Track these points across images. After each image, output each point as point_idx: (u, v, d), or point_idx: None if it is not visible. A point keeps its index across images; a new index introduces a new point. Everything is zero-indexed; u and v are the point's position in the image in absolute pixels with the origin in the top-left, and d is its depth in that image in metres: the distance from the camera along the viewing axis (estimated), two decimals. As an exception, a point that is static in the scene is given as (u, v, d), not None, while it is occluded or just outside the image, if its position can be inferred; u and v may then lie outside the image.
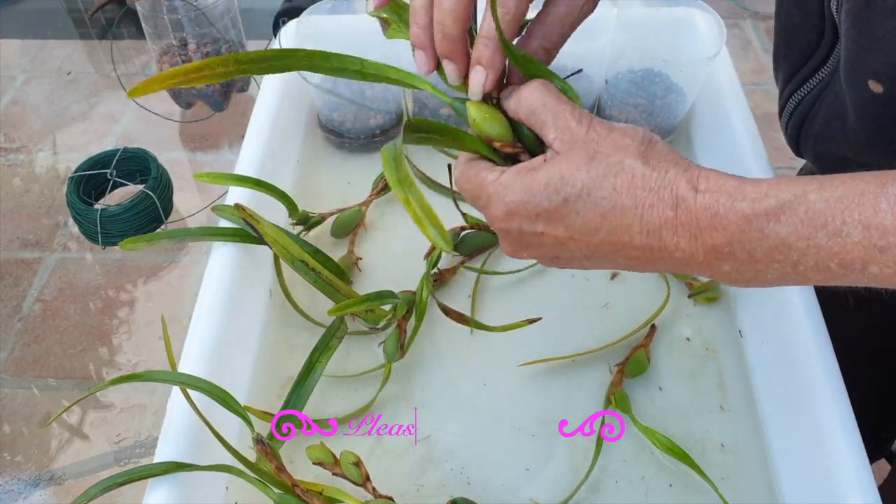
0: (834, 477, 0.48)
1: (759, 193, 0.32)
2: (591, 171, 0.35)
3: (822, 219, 0.31)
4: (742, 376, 0.61)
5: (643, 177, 0.34)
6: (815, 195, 0.31)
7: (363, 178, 0.75)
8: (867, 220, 0.30)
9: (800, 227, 0.31)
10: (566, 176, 0.35)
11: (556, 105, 0.38)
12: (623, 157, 0.35)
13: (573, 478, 0.56)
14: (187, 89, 1.47)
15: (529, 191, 0.36)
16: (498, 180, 0.38)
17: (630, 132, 0.36)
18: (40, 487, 1.14)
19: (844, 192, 0.31)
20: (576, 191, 0.35)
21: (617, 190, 0.35)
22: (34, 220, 1.50)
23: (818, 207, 0.31)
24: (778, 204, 0.32)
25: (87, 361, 1.28)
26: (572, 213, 0.36)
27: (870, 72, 0.47)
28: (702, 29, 0.77)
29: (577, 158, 0.36)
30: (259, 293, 0.65)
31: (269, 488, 0.49)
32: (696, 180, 0.34)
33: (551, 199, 0.36)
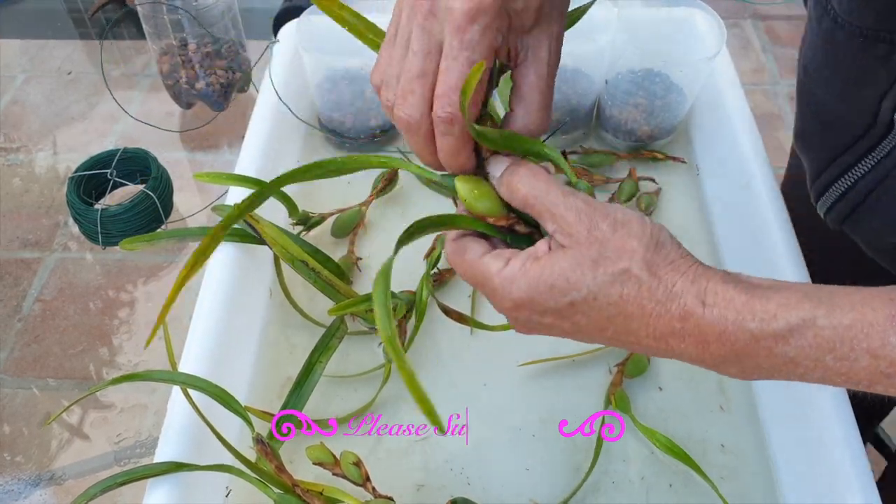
0: (834, 477, 0.48)
1: (768, 314, 0.32)
2: (596, 277, 0.34)
3: (830, 345, 0.31)
4: (742, 376, 0.61)
5: (650, 289, 0.34)
6: (824, 321, 0.31)
7: (363, 178, 0.75)
8: (875, 351, 0.30)
9: (807, 350, 0.32)
10: (571, 280, 0.35)
11: (549, 195, 0.36)
12: (629, 266, 0.34)
13: (573, 478, 0.56)
14: (187, 89, 1.47)
15: (535, 290, 0.36)
16: (502, 272, 0.37)
17: (636, 231, 0.35)
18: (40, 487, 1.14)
19: (853, 320, 0.31)
20: (581, 296, 0.35)
21: (623, 298, 0.34)
22: (34, 220, 1.50)
23: (826, 334, 0.31)
24: (787, 327, 0.32)
25: (87, 361, 1.28)
26: (579, 313, 0.36)
27: None
28: (702, 29, 0.77)
29: (581, 260, 0.35)
30: (259, 293, 0.65)
31: (269, 488, 0.49)
32: (704, 294, 0.33)
33: (557, 300, 0.35)
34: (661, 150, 0.77)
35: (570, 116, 0.77)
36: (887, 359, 0.30)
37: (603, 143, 0.80)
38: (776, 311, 0.32)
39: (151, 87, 1.74)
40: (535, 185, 0.37)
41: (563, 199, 0.36)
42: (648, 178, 0.74)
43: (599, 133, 0.80)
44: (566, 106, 0.76)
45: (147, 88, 1.74)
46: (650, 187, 0.74)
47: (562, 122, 0.77)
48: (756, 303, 0.32)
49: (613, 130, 0.78)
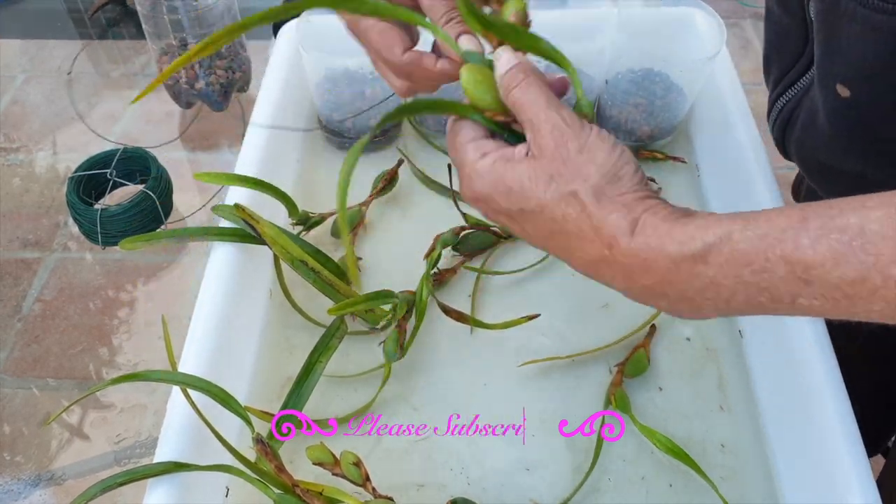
0: (834, 477, 0.48)
1: (686, 236, 0.33)
2: (547, 192, 0.36)
3: (746, 257, 0.32)
4: (742, 376, 0.61)
5: (590, 214, 0.36)
6: (739, 234, 0.32)
7: (363, 178, 0.75)
8: (788, 256, 0.31)
9: (726, 267, 0.32)
10: (525, 188, 0.37)
11: (534, 105, 0.38)
12: (578, 188, 0.36)
13: (573, 478, 0.56)
14: (187, 88, 1.47)
15: (495, 189, 0.38)
16: (475, 164, 0.39)
17: (600, 159, 0.36)
18: (40, 487, 1.14)
19: (767, 229, 0.31)
20: (530, 206, 0.37)
21: (565, 217, 0.36)
22: (34, 220, 1.50)
23: (742, 247, 0.32)
24: (704, 246, 0.33)
25: (87, 361, 1.28)
26: (527, 221, 0.38)
27: (838, 76, 0.47)
28: (702, 29, 0.77)
29: (540, 173, 0.37)
30: (259, 293, 0.65)
31: (269, 488, 0.49)
32: (635, 224, 0.35)
33: (510, 204, 0.38)
34: (661, 150, 0.77)
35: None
36: (801, 263, 0.31)
37: (603, 143, 0.80)
38: (694, 232, 0.33)
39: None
40: (526, 92, 0.39)
41: (546, 112, 0.38)
42: (649, 178, 0.74)
43: (599, 133, 0.80)
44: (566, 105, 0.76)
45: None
46: (651, 187, 0.74)
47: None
48: (677, 228, 0.34)
49: (613, 130, 0.78)
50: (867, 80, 0.46)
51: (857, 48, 0.45)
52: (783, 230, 0.31)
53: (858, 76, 0.46)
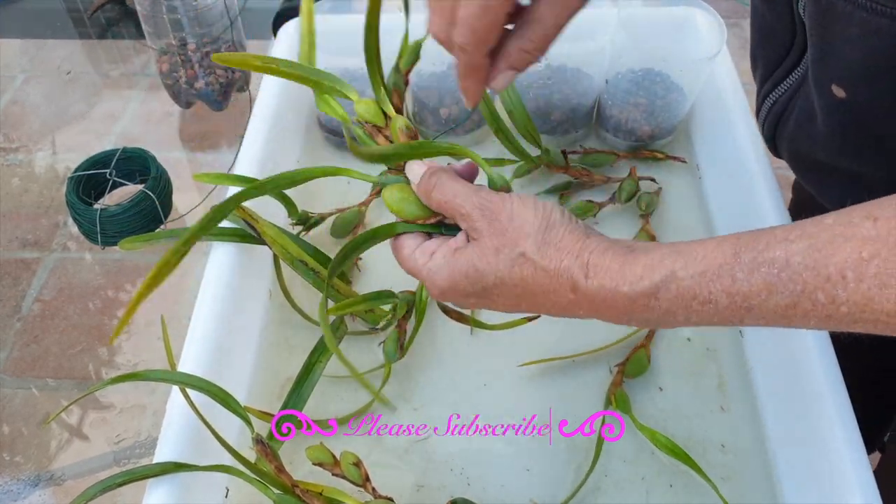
0: (834, 477, 0.48)
1: (636, 277, 0.37)
2: (499, 263, 0.40)
3: (691, 293, 0.35)
4: (742, 376, 0.61)
5: (544, 268, 0.39)
6: (682, 272, 0.36)
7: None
8: (728, 289, 0.34)
9: (675, 301, 0.36)
10: (480, 268, 0.40)
11: (456, 199, 0.42)
12: (524, 249, 0.39)
13: (573, 478, 0.56)
14: (187, 88, 1.47)
15: (453, 279, 0.42)
16: (427, 265, 0.43)
17: (529, 219, 0.40)
18: (40, 487, 1.14)
19: (705, 266, 0.35)
20: (490, 281, 0.40)
21: (524, 279, 0.40)
22: (33, 220, 1.50)
23: (686, 284, 0.35)
24: (652, 285, 0.36)
25: (87, 361, 1.28)
26: (493, 295, 0.41)
27: (833, 77, 0.47)
28: (702, 29, 0.77)
29: (486, 250, 0.40)
30: (259, 293, 0.65)
31: (268, 488, 0.49)
32: (586, 267, 0.38)
33: (473, 286, 0.41)
34: (661, 150, 0.77)
35: (570, 116, 0.77)
36: (739, 294, 0.34)
37: (603, 143, 0.80)
38: (642, 273, 0.37)
39: (151, 86, 1.74)
40: (443, 191, 0.43)
41: (468, 200, 0.41)
42: (649, 178, 0.74)
43: (600, 133, 0.80)
44: (566, 106, 0.76)
45: (146, 88, 1.74)
46: (650, 187, 0.74)
47: (559, 122, 0.77)
48: (627, 269, 0.37)
49: (613, 130, 0.78)
50: (864, 82, 0.46)
51: (855, 50, 0.45)
52: (720, 266, 0.35)
53: (855, 77, 0.46)
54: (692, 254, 0.36)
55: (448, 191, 0.42)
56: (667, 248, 0.37)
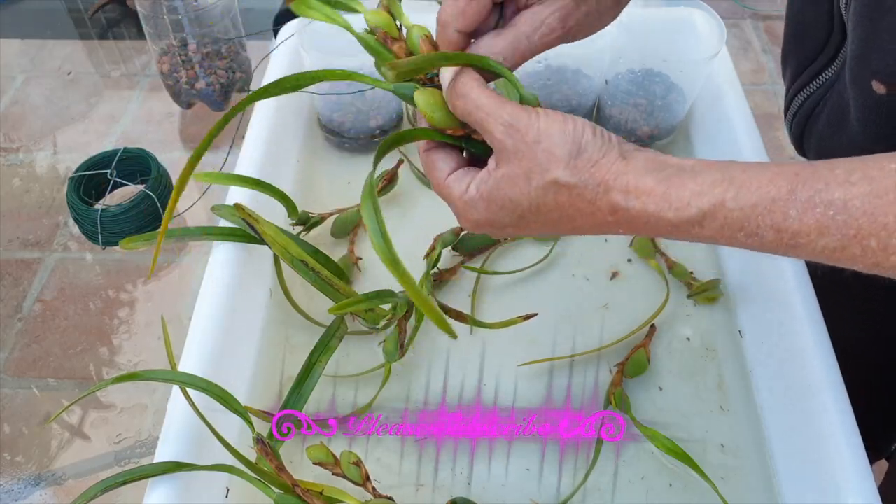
0: (834, 477, 0.48)
1: (682, 202, 0.35)
2: (531, 191, 0.38)
3: (738, 224, 0.34)
4: (742, 376, 0.61)
5: (580, 193, 0.37)
6: (732, 203, 0.34)
7: (363, 178, 0.74)
8: (778, 225, 0.34)
9: (720, 230, 0.35)
10: (513, 197, 0.39)
11: (479, 110, 0.39)
12: (556, 175, 0.37)
13: (573, 478, 0.56)
14: (187, 88, 1.47)
15: (490, 210, 0.40)
16: (463, 197, 0.41)
17: (558, 141, 0.37)
18: (40, 487, 1.14)
19: (758, 199, 0.34)
20: (526, 208, 0.39)
21: (560, 204, 0.38)
22: (34, 220, 1.50)
23: (735, 216, 0.34)
24: (699, 213, 0.35)
25: (87, 361, 1.28)
26: (531, 221, 0.40)
27: (874, 72, 0.47)
28: (702, 29, 0.77)
29: (516, 177, 0.38)
30: (259, 293, 0.65)
31: (269, 488, 0.49)
32: (626, 188, 0.37)
33: (510, 216, 0.40)
34: (661, 151, 0.77)
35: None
36: (788, 231, 0.33)
37: (603, 143, 0.80)
38: (689, 198, 0.35)
39: (151, 87, 1.74)
40: (467, 102, 0.40)
41: (493, 113, 0.39)
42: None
43: (599, 133, 0.80)
44: (566, 106, 0.76)
45: (147, 88, 1.74)
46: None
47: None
48: (672, 192, 0.36)
49: (613, 130, 0.77)
50: None
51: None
52: (773, 200, 0.33)
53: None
54: (746, 184, 0.34)
55: (472, 101, 0.39)
56: (718, 172, 0.35)
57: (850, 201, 0.32)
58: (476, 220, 0.41)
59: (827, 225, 0.32)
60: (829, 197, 0.32)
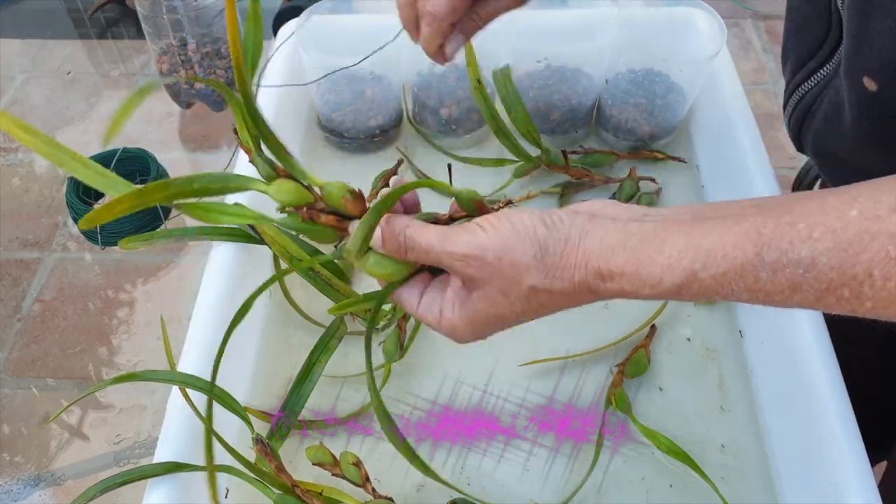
0: (834, 477, 0.48)
1: (655, 280, 0.36)
2: (513, 302, 0.39)
3: (713, 289, 0.35)
4: (742, 377, 0.61)
5: (560, 290, 0.38)
6: (703, 273, 0.35)
7: (363, 178, 0.75)
8: (750, 287, 0.34)
9: (697, 294, 0.36)
10: (496, 314, 0.39)
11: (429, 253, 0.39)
12: (531, 282, 0.38)
13: (573, 478, 0.56)
14: (187, 88, 1.47)
15: (475, 327, 0.41)
16: (441, 322, 0.41)
17: (519, 250, 0.38)
18: (40, 488, 1.14)
19: (727, 267, 0.34)
20: (512, 317, 0.40)
21: (544, 303, 0.39)
22: (33, 220, 1.50)
23: (708, 283, 0.35)
24: (674, 286, 0.36)
25: (87, 362, 1.28)
26: (517, 322, 0.41)
27: (866, 69, 0.48)
28: (702, 29, 0.77)
29: (493, 296, 0.39)
30: (259, 293, 0.65)
31: (268, 488, 0.49)
32: (600, 275, 0.37)
33: (496, 327, 0.41)
34: (661, 150, 0.77)
35: (570, 116, 0.77)
36: (762, 291, 0.34)
37: (603, 143, 0.80)
38: (661, 275, 0.36)
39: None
40: (416, 251, 0.40)
41: (445, 251, 0.39)
42: (649, 178, 0.74)
43: (599, 133, 0.80)
44: (566, 106, 0.76)
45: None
46: (650, 187, 0.74)
47: (559, 122, 0.77)
48: (643, 271, 0.36)
49: (613, 130, 0.78)
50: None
51: (889, 43, 0.45)
52: (742, 266, 0.34)
53: (887, 70, 0.46)
54: (713, 252, 0.35)
55: (420, 247, 0.40)
56: (681, 241, 0.36)
57: (817, 258, 0.32)
58: (465, 338, 0.42)
59: (798, 282, 0.33)
60: (795, 257, 0.33)
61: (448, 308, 0.41)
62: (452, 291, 0.41)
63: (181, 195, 0.38)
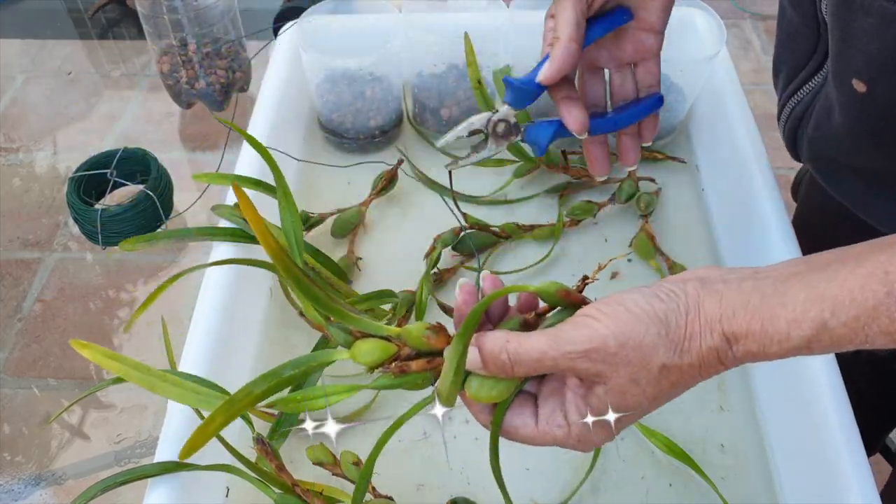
0: (834, 477, 0.48)
1: (782, 336, 0.34)
2: (645, 390, 0.37)
3: (847, 339, 0.33)
4: (742, 376, 0.61)
5: (690, 364, 0.36)
6: (833, 321, 0.33)
7: (363, 178, 0.75)
8: (886, 329, 0.32)
9: (829, 346, 0.34)
10: (630, 404, 0.37)
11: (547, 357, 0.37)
12: (661, 361, 0.36)
13: (573, 478, 0.56)
14: (187, 89, 1.47)
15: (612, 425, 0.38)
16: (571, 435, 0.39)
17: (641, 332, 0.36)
18: (40, 487, 1.14)
19: (858, 311, 0.33)
20: (647, 405, 0.38)
21: (675, 383, 0.37)
22: (34, 220, 1.50)
23: (839, 332, 0.33)
24: (803, 341, 0.34)
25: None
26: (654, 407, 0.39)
27: (853, 71, 0.48)
28: (702, 29, 0.77)
29: (625, 388, 0.37)
30: (259, 293, 0.65)
31: (269, 488, 0.49)
32: (725, 339, 0.35)
33: (635, 416, 0.38)
34: (661, 150, 0.77)
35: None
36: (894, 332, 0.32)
37: (603, 143, 0.80)
38: (788, 330, 0.34)
39: (151, 87, 1.74)
40: (524, 363, 0.37)
41: (560, 355, 0.36)
42: (648, 179, 0.74)
43: (599, 133, 0.80)
44: (566, 106, 0.76)
45: (147, 88, 1.74)
46: (650, 187, 0.74)
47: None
48: (769, 328, 0.34)
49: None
50: (884, 74, 0.46)
51: (874, 42, 0.45)
52: (874, 308, 0.32)
53: (875, 70, 0.46)
54: (840, 298, 0.33)
55: (531, 359, 0.37)
56: (804, 292, 0.34)
57: None
58: (599, 443, 0.39)
59: None
60: None
61: (573, 410, 0.38)
62: (572, 392, 0.38)
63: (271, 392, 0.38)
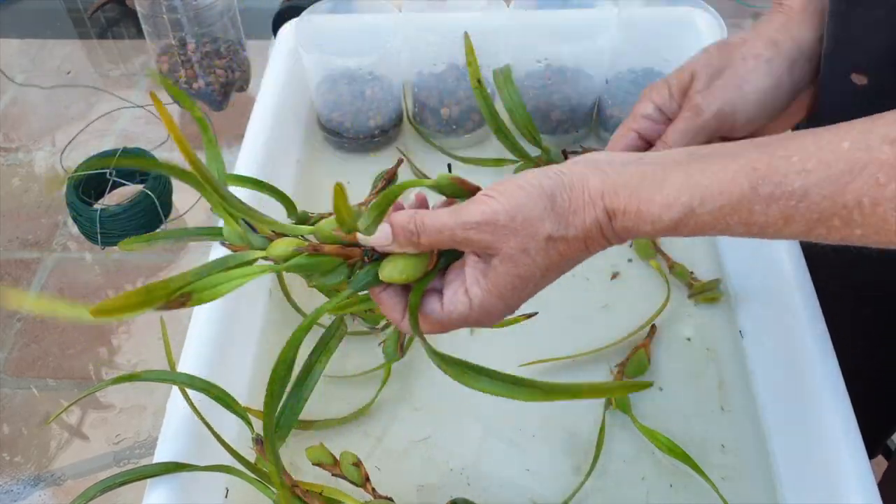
0: (834, 477, 0.48)
1: (654, 216, 0.38)
2: (535, 258, 0.39)
3: (709, 225, 0.37)
4: (742, 377, 0.61)
5: (574, 237, 0.39)
6: (700, 209, 0.37)
7: (363, 178, 0.74)
8: (745, 220, 0.36)
9: (694, 229, 0.38)
10: (523, 274, 0.40)
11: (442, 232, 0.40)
12: (546, 231, 0.39)
13: (573, 478, 0.56)
14: (186, 88, 1.47)
15: (506, 297, 0.41)
16: (473, 307, 0.41)
17: (530, 205, 0.39)
18: (39, 488, 1.14)
19: (723, 203, 0.36)
20: (539, 276, 0.40)
21: (563, 253, 0.40)
22: (33, 219, 1.49)
23: (704, 219, 0.37)
24: (672, 223, 0.37)
25: (87, 362, 1.28)
26: (545, 281, 0.41)
27: (853, 65, 0.48)
28: (702, 29, 0.77)
29: (515, 258, 0.39)
30: (259, 293, 0.65)
31: (268, 488, 0.49)
32: (607, 213, 0.39)
33: (525, 291, 0.41)
34: (661, 150, 0.77)
35: (570, 116, 0.77)
36: (756, 224, 0.36)
37: (603, 143, 0.80)
38: (660, 212, 0.37)
39: (151, 86, 1.74)
40: (429, 232, 0.40)
41: (457, 225, 0.39)
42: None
43: (599, 133, 0.80)
44: (566, 106, 0.76)
45: (146, 88, 1.74)
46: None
47: (559, 122, 0.77)
48: (644, 209, 0.38)
49: (613, 130, 0.78)
50: (891, 66, 0.46)
51: (880, 34, 0.45)
52: (738, 200, 0.35)
53: (879, 63, 0.47)
54: (710, 188, 0.36)
55: (434, 227, 0.40)
56: (679, 179, 0.37)
57: (810, 189, 0.34)
58: (498, 314, 0.42)
59: (791, 214, 0.34)
60: (789, 189, 0.34)
61: (472, 283, 0.41)
62: (471, 267, 0.41)
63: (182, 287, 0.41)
